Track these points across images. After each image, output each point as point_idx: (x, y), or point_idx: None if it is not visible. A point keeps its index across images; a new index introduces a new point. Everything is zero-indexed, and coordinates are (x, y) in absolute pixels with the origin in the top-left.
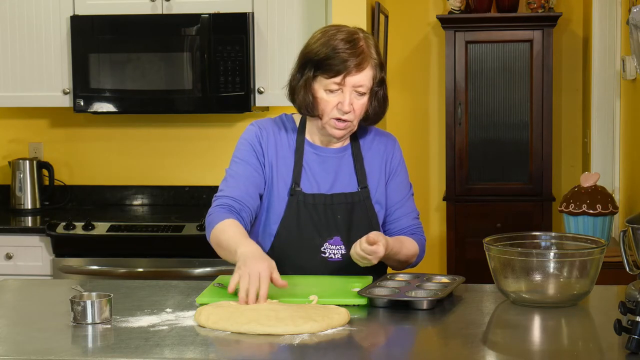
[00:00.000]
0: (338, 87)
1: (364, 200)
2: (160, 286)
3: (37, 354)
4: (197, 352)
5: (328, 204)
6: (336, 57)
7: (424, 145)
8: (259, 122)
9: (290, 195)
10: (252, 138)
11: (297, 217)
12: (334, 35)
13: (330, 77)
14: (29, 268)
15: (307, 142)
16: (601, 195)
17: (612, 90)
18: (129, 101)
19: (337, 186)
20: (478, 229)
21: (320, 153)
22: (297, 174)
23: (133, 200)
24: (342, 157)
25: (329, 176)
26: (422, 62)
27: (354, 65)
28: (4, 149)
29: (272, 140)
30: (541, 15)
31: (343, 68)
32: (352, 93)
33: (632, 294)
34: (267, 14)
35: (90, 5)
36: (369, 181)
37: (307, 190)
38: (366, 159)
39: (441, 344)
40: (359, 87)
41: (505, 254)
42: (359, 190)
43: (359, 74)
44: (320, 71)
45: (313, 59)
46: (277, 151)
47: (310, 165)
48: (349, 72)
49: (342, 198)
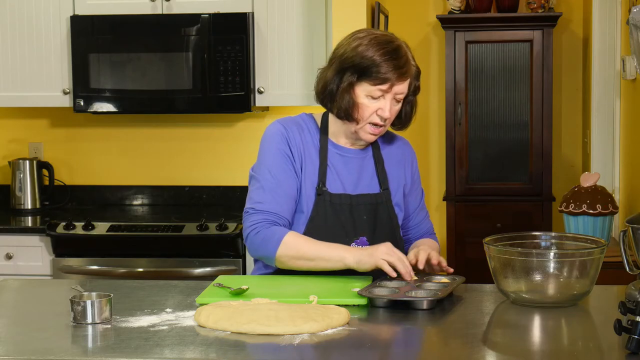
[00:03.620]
0: (381, 93)
1: (386, 202)
2: (160, 286)
3: (37, 354)
4: (197, 352)
5: (354, 204)
6: (383, 65)
7: (424, 145)
8: (283, 122)
9: (317, 195)
10: (280, 140)
11: (324, 217)
12: (375, 40)
13: (376, 85)
14: (29, 268)
15: (330, 142)
16: (601, 195)
17: (612, 90)
18: (129, 101)
19: (361, 187)
20: (478, 229)
21: (344, 154)
22: (322, 173)
23: (133, 200)
24: (364, 158)
25: (352, 176)
26: (422, 62)
27: (400, 74)
28: (4, 149)
29: (297, 139)
30: (541, 15)
31: (391, 76)
32: (392, 100)
33: (632, 294)
34: (267, 14)
35: (90, 5)
36: (390, 183)
37: (333, 190)
38: (386, 161)
39: (441, 344)
40: (400, 94)
41: (505, 254)
42: (381, 191)
43: (403, 83)
44: (365, 77)
45: (357, 65)
46: (304, 150)
47: (335, 165)
48: (396, 80)
49: (367, 199)
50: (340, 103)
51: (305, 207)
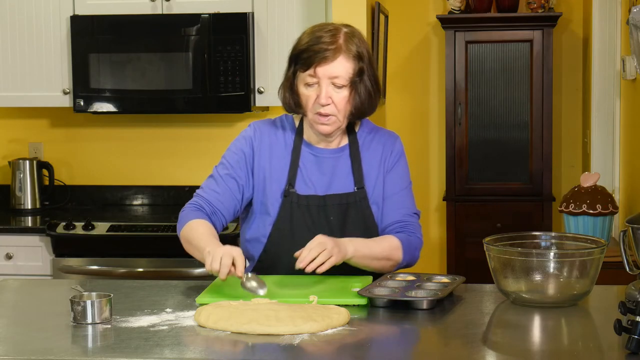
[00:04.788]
0: (314, 79)
1: (360, 201)
2: (160, 286)
3: (37, 354)
4: (197, 352)
5: (322, 206)
6: (309, 50)
7: (424, 145)
8: (256, 123)
9: (283, 197)
10: (244, 142)
11: (290, 219)
12: (311, 31)
13: (305, 70)
14: (29, 268)
15: (304, 142)
16: (601, 195)
17: (612, 90)
18: (129, 101)
19: (334, 187)
20: (478, 229)
21: (317, 154)
22: (292, 175)
23: (133, 200)
24: (339, 157)
25: (325, 177)
26: (422, 62)
27: (324, 56)
28: (4, 149)
29: (266, 141)
30: (541, 15)
31: (314, 59)
32: (329, 86)
33: (632, 294)
34: (267, 14)
35: (90, 5)
36: (366, 181)
37: (302, 192)
38: (364, 158)
39: (441, 344)
40: (335, 78)
41: (505, 254)
42: (355, 190)
43: (330, 64)
44: (298, 66)
45: (292, 55)
46: (272, 152)
47: (307, 166)
48: (319, 62)
49: (337, 199)
50: (286, 97)
51: (271, 209)
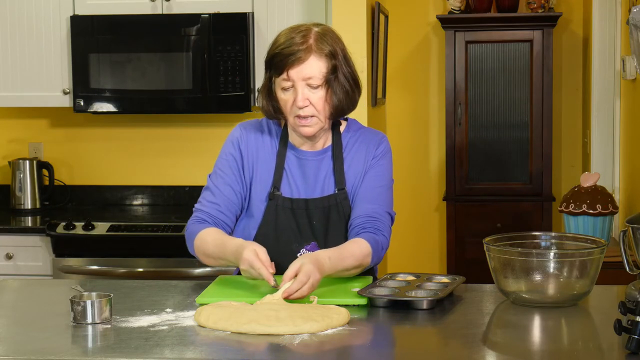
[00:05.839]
0: (289, 83)
1: (341, 203)
2: (160, 286)
3: (37, 354)
4: (197, 352)
5: (305, 209)
6: (281, 53)
7: (424, 145)
8: (243, 125)
9: (269, 200)
10: (232, 146)
11: (275, 222)
12: (284, 33)
13: (279, 75)
14: (29, 268)
15: (289, 145)
16: (601, 195)
17: (612, 90)
18: (129, 101)
19: (317, 190)
20: (478, 229)
21: (301, 156)
22: (277, 178)
23: (133, 200)
24: (322, 159)
25: (309, 180)
26: (422, 62)
27: (295, 58)
28: (4, 149)
29: (253, 143)
30: (541, 15)
31: (287, 62)
32: (305, 87)
33: (632, 294)
34: (267, 14)
35: (90, 5)
36: (348, 182)
37: (287, 195)
38: (347, 160)
39: (441, 344)
40: (309, 79)
41: (505, 254)
42: (336, 192)
43: (301, 65)
44: (272, 71)
45: (266, 60)
46: (258, 155)
47: (292, 169)
48: (291, 65)
49: (319, 202)
50: (264, 104)
51: (255, 212)
